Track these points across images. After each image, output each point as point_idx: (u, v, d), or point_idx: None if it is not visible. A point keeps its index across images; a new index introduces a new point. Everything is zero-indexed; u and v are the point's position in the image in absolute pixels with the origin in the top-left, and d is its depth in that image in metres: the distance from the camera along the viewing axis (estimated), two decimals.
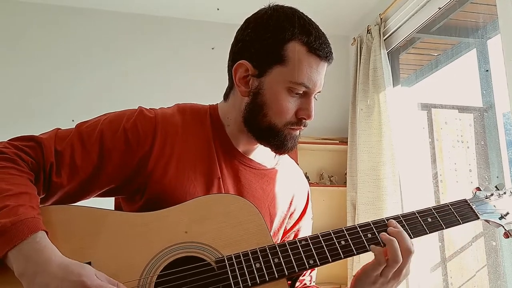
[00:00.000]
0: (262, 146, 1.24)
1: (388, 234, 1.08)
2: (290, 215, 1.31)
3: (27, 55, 3.54)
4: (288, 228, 1.32)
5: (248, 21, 1.19)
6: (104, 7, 3.71)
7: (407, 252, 1.05)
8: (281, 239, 1.30)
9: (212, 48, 3.71)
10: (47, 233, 0.92)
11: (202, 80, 3.60)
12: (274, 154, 1.30)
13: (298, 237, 1.29)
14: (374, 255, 1.06)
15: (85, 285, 0.85)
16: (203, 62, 3.72)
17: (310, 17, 1.18)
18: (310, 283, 1.30)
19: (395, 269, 1.06)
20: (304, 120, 1.16)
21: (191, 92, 3.16)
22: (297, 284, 1.22)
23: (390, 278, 1.07)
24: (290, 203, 1.31)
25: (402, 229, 1.09)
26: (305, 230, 1.36)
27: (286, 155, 1.36)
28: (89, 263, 0.94)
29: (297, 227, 1.34)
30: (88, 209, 1.03)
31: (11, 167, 0.99)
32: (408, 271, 1.09)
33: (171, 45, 3.82)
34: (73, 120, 1.31)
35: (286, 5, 1.19)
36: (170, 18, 3.85)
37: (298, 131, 1.19)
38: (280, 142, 1.17)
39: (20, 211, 0.90)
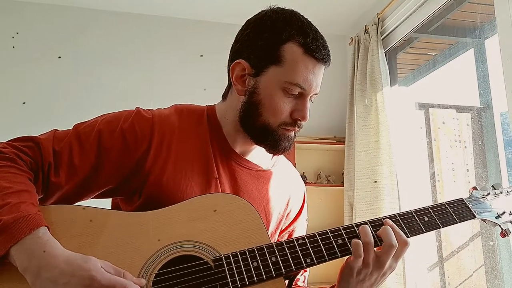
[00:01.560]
0: (259, 147, 1.25)
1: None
2: (287, 215, 1.32)
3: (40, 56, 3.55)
4: (283, 228, 1.33)
5: (248, 22, 1.21)
6: (114, 9, 3.72)
7: (389, 248, 1.04)
8: (277, 239, 1.31)
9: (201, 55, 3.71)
10: (48, 228, 0.93)
11: (202, 82, 3.61)
12: (271, 155, 1.32)
13: (293, 237, 1.29)
14: (351, 247, 1.05)
15: (94, 279, 0.86)
16: (204, 64, 3.73)
17: (309, 20, 1.19)
18: (303, 284, 1.31)
19: (373, 256, 1.04)
20: (299, 121, 1.17)
21: (190, 94, 3.16)
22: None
23: (373, 269, 1.05)
24: (287, 204, 1.31)
25: (392, 225, 1.08)
26: (300, 230, 1.37)
27: (283, 156, 1.37)
28: None
29: (291, 227, 1.35)
30: (87, 208, 1.03)
31: (10, 166, 1.00)
32: (393, 266, 1.08)
33: (171, 46, 3.82)
34: None
35: (287, 8, 1.20)
36: (177, 19, 3.86)
37: (293, 132, 1.20)
38: (274, 142, 1.17)
39: (22, 208, 0.91)
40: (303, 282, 1.31)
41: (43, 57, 3.55)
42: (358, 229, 1.07)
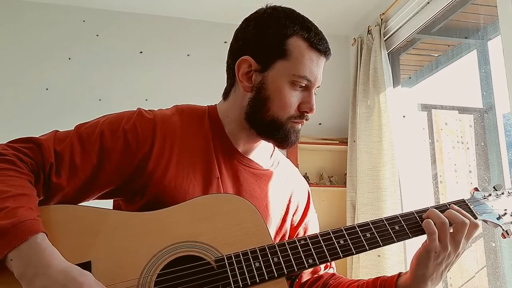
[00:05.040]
0: (261, 146, 1.27)
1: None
2: (294, 212, 1.33)
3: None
4: (296, 224, 1.34)
5: (248, 20, 1.23)
6: (112, 8, 3.73)
7: (462, 226, 1.07)
8: (289, 236, 1.32)
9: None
10: (47, 235, 0.92)
11: (202, 81, 3.61)
12: (270, 155, 1.34)
13: (308, 230, 1.34)
14: (425, 225, 1.08)
15: None
16: (201, 63, 3.73)
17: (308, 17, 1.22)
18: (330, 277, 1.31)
19: (449, 237, 1.06)
20: (306, 114, 1.20)
21: (190, 93, 3.15)
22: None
23: (450, 250, 1.07)
24: (289, 201, 1.32)
25: (458, 209, 1.11)
26: (313, 223, 1.38)
27: (282, 155, 1.39)
28: (89, 262, 0.94)
29: (305, 221, 1.36)
30: (88, 208, 1.03)
31: (9, 168, 0.99)
32: (465, 246, 1.09)
33: (171, 45, 3.82)
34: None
35: (283, 5, 1.23)
36: (172, 18, 3.86)
37: (300, 124, 1.22)
38: (284, 136, 1.19)
39: (19, 212, 0.90)
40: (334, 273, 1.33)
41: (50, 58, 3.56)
42: (424, 215, 1.11)
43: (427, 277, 1.09)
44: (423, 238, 1.12)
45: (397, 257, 2.95)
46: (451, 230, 1.08)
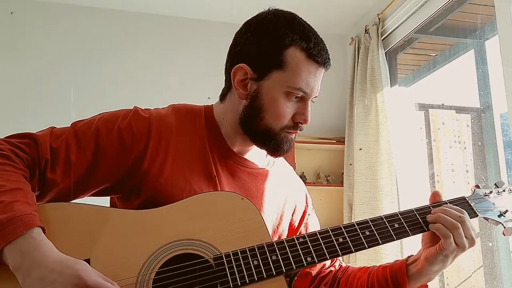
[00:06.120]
0: (256, 147, 1.26)
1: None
2: (293, 212, 1.33)
3: (25, 53, 3.53)
4: (296, 225, 1.34)
5: (247, 25, 1.21)
6: (105, 6, 3.71)
7: (450, 225, 1.08)
8: (288, 236, 1.31)
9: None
10: (43, 229, 0.92)
11: (199, 81, 3.61)
12: (266, 154, 1.33)
13: (309, 228, 1.34)
14: (437, 230, 1.09)
15: (82, 279, 0.85)
16: (200, 63, 3.72)
17: (308, 23, 1.20)
18: (339, 268, 1.32)
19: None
20: (300, 124, 1.19)
21: (187, 93, 3.14)
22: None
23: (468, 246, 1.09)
24: (286, 201, 1.32)
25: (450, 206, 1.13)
26: (313, 220, 1.39)
27: None
28: (88, 260, 0.94)
29: (305, 220, 1.36)
30: (86, 206, 1.03)
31: (5, 163, 0.99)
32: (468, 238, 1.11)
33: (169, 44, 3.82)
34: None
35: (286, 10, 1.20)
36: (170, 17, 3.86)
37: (294, 134, 1.21)
38: (276, 146, 1.19)
39: (16, 207, 0.90)
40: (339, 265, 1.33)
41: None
42: (430, 218, 1.12)
43: (441, 270, 1.11)
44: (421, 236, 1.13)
45: (394, 257, 2.95)
46: None
